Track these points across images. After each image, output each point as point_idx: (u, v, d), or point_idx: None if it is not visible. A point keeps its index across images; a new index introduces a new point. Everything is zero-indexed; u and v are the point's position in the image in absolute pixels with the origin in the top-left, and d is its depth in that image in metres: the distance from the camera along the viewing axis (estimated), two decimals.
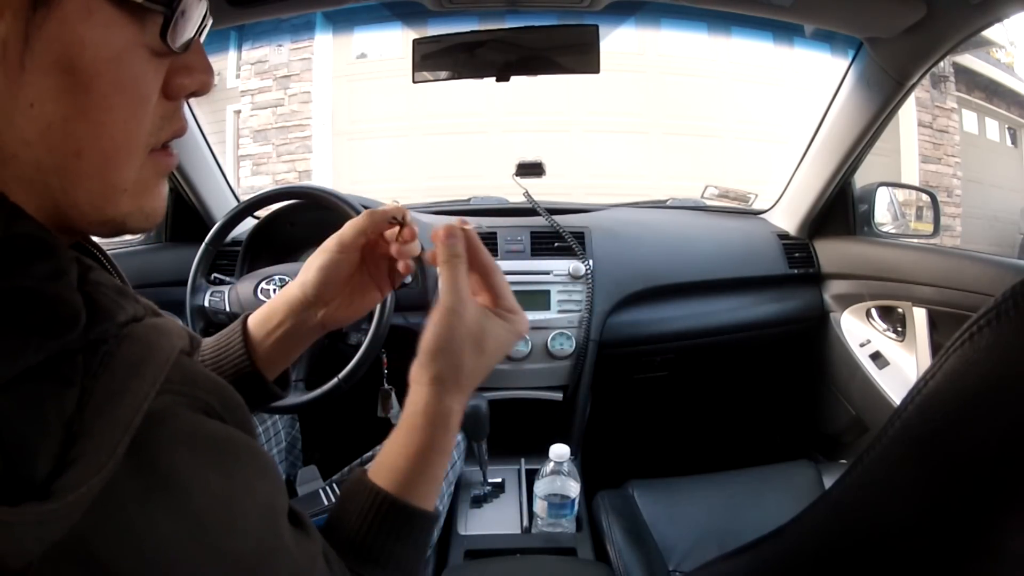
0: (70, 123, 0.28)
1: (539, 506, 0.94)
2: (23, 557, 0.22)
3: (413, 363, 0.45)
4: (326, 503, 0.86)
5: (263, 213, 1.10)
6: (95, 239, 0.36)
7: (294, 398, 0.88)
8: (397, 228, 0.53)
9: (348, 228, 0.54)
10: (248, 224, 1.10)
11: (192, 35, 0.32)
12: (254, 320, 0.57)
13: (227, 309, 0.96)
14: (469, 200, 1.43)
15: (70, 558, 0.23)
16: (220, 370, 0.55)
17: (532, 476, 0.99)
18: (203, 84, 0.34)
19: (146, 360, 0.27)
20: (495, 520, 1.00)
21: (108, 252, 0.37)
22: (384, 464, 0.44)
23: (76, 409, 0.24)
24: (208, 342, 0.57)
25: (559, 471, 0.93)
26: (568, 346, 1.13)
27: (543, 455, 0.94)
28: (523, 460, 1.11)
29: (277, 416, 1.00)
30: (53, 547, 0.22)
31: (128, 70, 0.29)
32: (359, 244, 0.54)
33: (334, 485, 0.89)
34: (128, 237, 1.25)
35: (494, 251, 1.19)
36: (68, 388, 0.24)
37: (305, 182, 5.00)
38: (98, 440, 0.24)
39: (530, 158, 1.24)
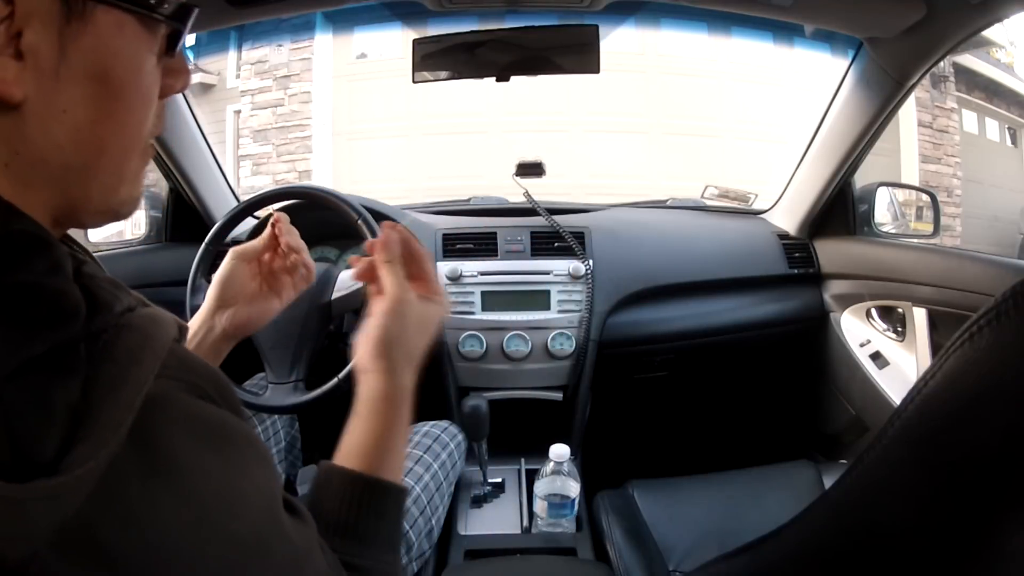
0: (97, 125, 0.31)
1: (539, 506, 0.94)
2: (33, 538, 0.22)
3: (363, 353, 0.49)
4: None
5: (263, 213, 1.10)
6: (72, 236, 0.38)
7: (294, 398, 0.88)
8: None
9: (248, 242, 0.65)
10: (248, 224, 1.09)
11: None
12: None
13: None
14: (469, 200, 1.42)
15: (74, 544, 0.24)
16: None
17: (532, 476, 0.99)
18: (186, 84, 0.38)
19: (144, 347, 0.28)
20: (495, 520, 1.00)
21: (110, 252, 0.38)
22: (351, 450, 0.46)
23: (81, 396, 0.25)
24: None
25: (559, 471, 0.93)
26: (568, 346, 1.12)
27: (543, 455, 0.94)
28: (523, 460, 1.11)
29: (276, 416, 1.00)
30: (58, 534, 0.23)
31: (145, 76, 0.33)
32: (253, 254, 0.65)
33: None
34: (128, 236, 1.26)
35: (494, 251, 1.19)
36: (73, 377, 0.25)
37: (305, 182, 5.00)
38: (104, 419, 0.25)
39: (530, 158, 1.24)
